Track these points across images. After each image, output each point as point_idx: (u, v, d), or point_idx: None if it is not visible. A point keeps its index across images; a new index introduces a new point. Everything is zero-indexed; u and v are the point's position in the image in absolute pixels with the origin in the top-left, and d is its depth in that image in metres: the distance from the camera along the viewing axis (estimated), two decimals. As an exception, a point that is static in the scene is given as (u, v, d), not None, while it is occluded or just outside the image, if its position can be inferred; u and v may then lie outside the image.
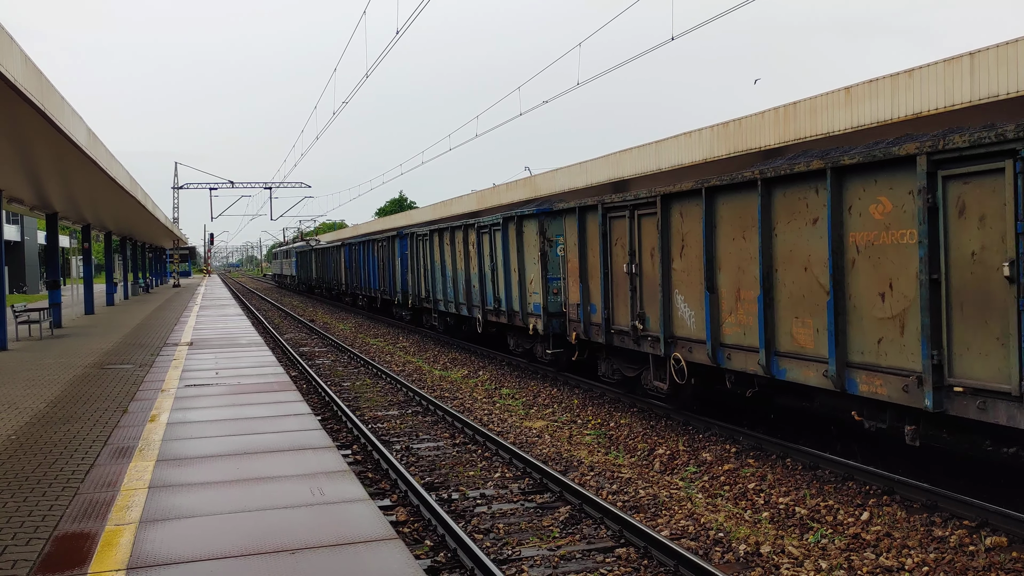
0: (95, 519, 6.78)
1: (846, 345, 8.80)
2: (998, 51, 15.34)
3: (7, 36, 9.98)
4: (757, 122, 22.20)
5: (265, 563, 5.75)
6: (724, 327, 10.90)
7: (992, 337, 7.23)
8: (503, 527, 8.42)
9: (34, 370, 16.10)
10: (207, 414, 11.25)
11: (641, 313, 12.84)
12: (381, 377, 18.97)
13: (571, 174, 33.83)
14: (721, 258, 10.90)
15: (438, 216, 51.67)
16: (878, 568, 7.20)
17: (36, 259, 68.32)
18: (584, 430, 13.05)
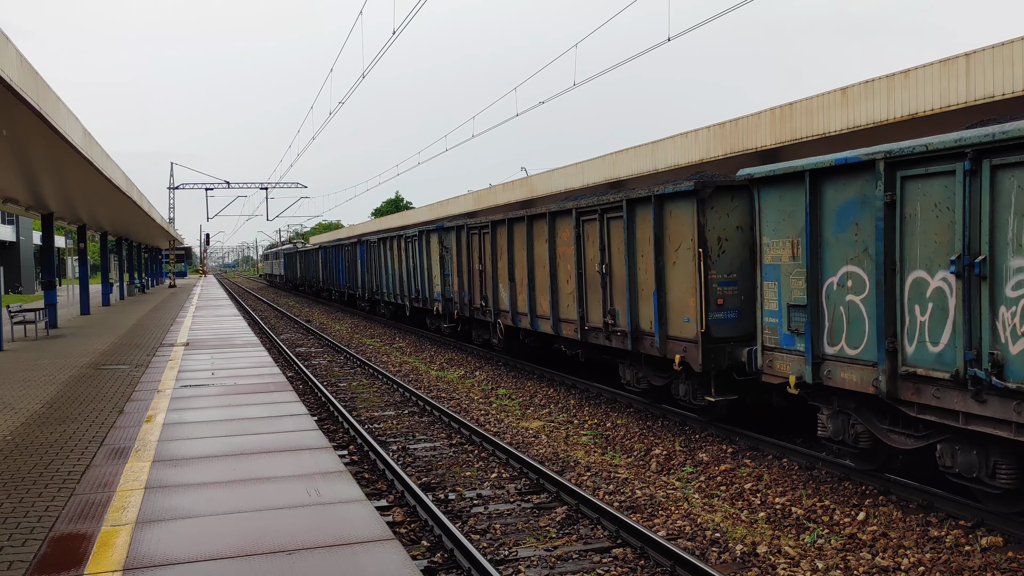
0: (91, 520, 6.76)
1: (557, 308, 15.95)
2: (994, 52, 15.37)
3: (2, 36, 9.96)
4: (754, 122, 22.23)
5: (262, 564, 5.74)
6: (517, 303, 18.05)
7: (598, 303, 14.32)
8: (500, 527, 8.42)
9: (30, 371, 16.06)
10: (203, 415, 11.24)
11: (485, 296, 19.90)
12: (378, 377, 18.95)
13: (567, 175, 33.85)
14: (515, 261, 17.89)
15: (434, 216, 51.68)
16: (874, 568, 7.22)
17: (32, 259, 68.19)
18: (581, 430, 13.05)
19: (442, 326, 24.48)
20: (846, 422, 9.36)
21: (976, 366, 7.39)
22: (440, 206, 52.32)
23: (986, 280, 7.34)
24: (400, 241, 28.48)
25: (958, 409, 7.64)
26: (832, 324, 9.09)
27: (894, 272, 8.30)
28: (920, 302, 8.02)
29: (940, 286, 7.80)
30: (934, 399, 7.88)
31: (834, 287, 9.07)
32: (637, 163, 28.32)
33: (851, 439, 9.30)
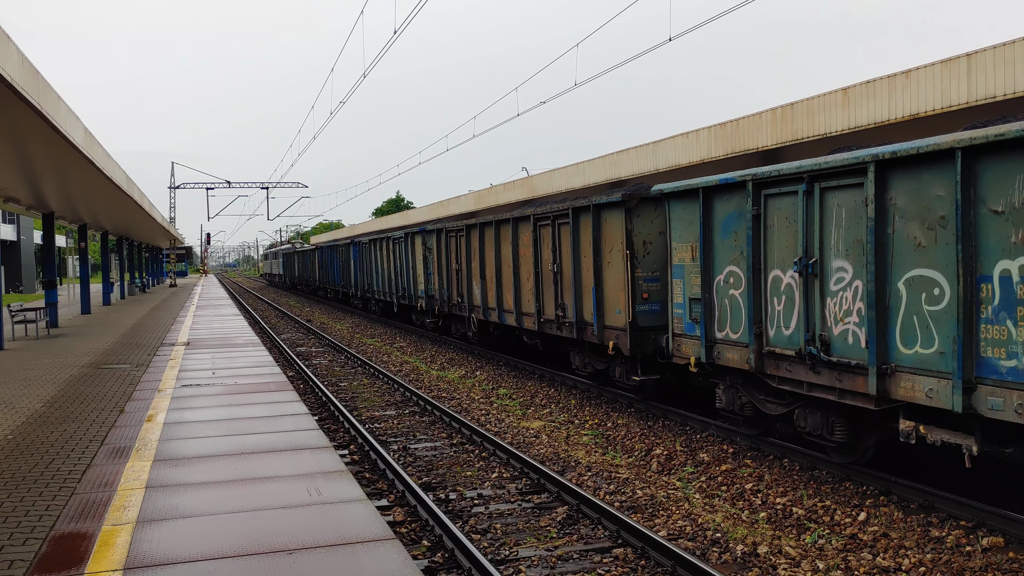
0: (92, 519, 6.76)
1: (520, 303, 17.86)
2: (995, 52, 15.36)
3: (4, 36, 9.96)
4: (755, 123, 22.23)
5: (262, 563, 5.74)
6: (488, 299, 19.88)
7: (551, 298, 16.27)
8: (500, 527, 8.42)
9: (30, 370, 16.07)
10: (204, 414, 11.24)
11: (461, 293, 21.85)
12: (378, 377, 18.95)
13: (568, 174, 33.84)
14: (485, 262, 19.88)
15: (435, 216, 51.66)
16: (875, 568, 7.21)
17: (32, 259, 68.20)
18: (582, 430, 13.05)
19: (425, 321, 26.68)
20: (735, 395, 11.29)
21: (812, 345, 9.36)
22: (441, 206, 52.31)
23: (817, 277, 9.30)
24: (388, 243, 30.63)
25: (802, 379, 9.60)
26: (720, 314, 11.02)
27: (760, 271, 10.22)
28: (777, 295, 9.96)
29: (789, 282, 9.75)
30: (787, 372, 9.82)
31: (721, 283, 10.99)
32: (638, 163, 28.32)
33: (739, 409, 11.25)
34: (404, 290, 28.47)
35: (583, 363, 15.76)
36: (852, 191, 8.82)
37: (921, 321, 8.12)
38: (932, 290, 7.99)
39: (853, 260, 8.88)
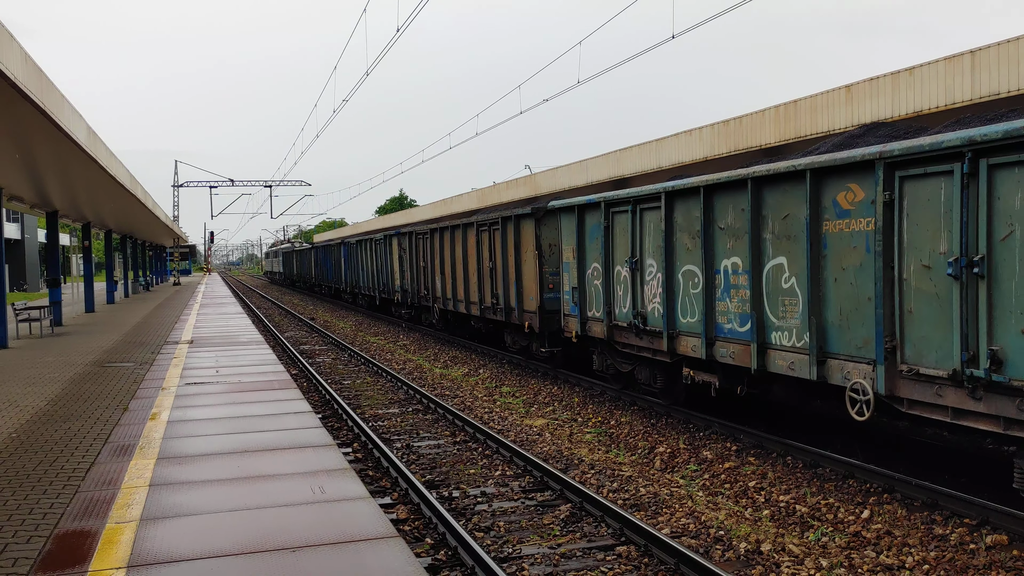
0: (96, 517, 6.78)
1: (468, 293, 21.37)
2: (999, 49, 15.33)
3: (7, 34, 9.97)
4: (758, 120, 22.19)
5: (266, 561, 5.75)
6: (446, 291, 23.52)
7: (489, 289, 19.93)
8: (504, 525, 8.42)
9: (35, 368, 16.10)
10: (208, 412, 11.25)
11: (428, 287, 25.69)
12: (381, 375, 18.97)
13: (571, 172, 33.82)
14: (444, 260, 23.64)
15: (438, 214, 51.66)
16: (879, 566, 7.20)
17: (36, 257, 68.32)
18: (585, 428, 13.05)
19: (401, 312, 31.07)
20: (602, 359, 14.84)
21: (637, 319, 12.86)
22: (443, 204, 52.29)
23: (639, 271, 12.88)
24: (371, 243, 34.83)
25: (634, 344, 13.22)
26: (589, 298, 14.61)
27: (609, 266, 13.75)
28: (619, 284, 13.50)
29: (625, 274, 13.25)
30: (626, 339, 13.42)
31: (590, 276, 14.54)
32: (641, 161, 28.29)
33: (605, 369, 14.82)
34: (384, 285, 32.66)
35: (512, 341, 19.85)
36: (656, 211, 12.31)
37: (689, 300, 11.70)
38: (694, 279, 11.54)
39: (657, 259, 12.40)
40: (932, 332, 7.86)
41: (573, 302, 15.05)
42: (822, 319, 9.25)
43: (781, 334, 9.92)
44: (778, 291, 9.96)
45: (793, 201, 9.63)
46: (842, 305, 8.98)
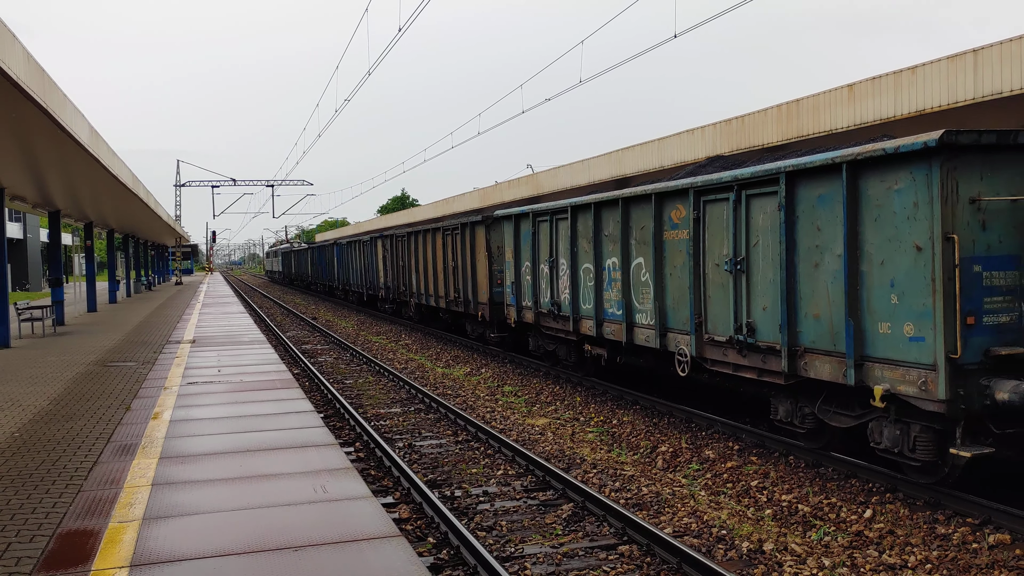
0: (98, 516, 6.78)
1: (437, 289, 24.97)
2: (1002, 47, 15.30)
3: (9, 33, 9.98)
4: (760, 119, 22.17)
5: (268, 560, 5.75)
6: (420, 287, 27.02)
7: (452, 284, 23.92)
8: (506, 525, 8.42)
9: (37, 367, 16.12)
10: (210, 411, 11.26)
11: (406, 284, 29.23)
12: (383, 375, 18.97)
13: (573, 171, 33.80)
14: (418, 260, 26.97)
15: (439, 214, 51.65)
16: (881, 565, 7.20)
17: (39, 257, 68.37)
18: (587, 428, 13.05)
19: (385, 307, 34.32)
20: (535, 341, 17.97)
21: (554, 307, 15.92)
22: (445, 203, 52.30)
23: (555, 269, 15.97)
24: (359, 244, 38.12)
25: (553, 327, 16.36)
26: (523, 290, 17.66)
27: (536, 265, 16.89)
28: (543, 279, 16.56)
29: (547, 271, 16.31)
30: (547, 323, 16.58)
31: (523, 272, 17.58)
32: (643, 160, 28.27)
33: (538, 349, 17.99)
34: (371, 283, 35.96)
35: (471, 329, 23.17)
36: (565, 222, 15.43)
37: (587, 291, 14.68)
38: (590, 274, 14.47)
39: (566, 259, 15.41)
40: (720, 311, 11.06)
41: (512, 294, 18.32)
42: (664, 303, 12.48)
43: (642, 315, 13.12)
44: (639, 283, 13.18)
45: (646, 216, 12.78)
46: (674, 293, 12.21)
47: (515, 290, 17.94)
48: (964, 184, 8.02)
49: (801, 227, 9.63)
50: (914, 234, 8.22)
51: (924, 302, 8.13)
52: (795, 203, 9.70)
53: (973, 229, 8.06)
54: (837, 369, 9.08)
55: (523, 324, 18.02)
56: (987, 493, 8.52)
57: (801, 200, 9.62)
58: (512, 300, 18.20)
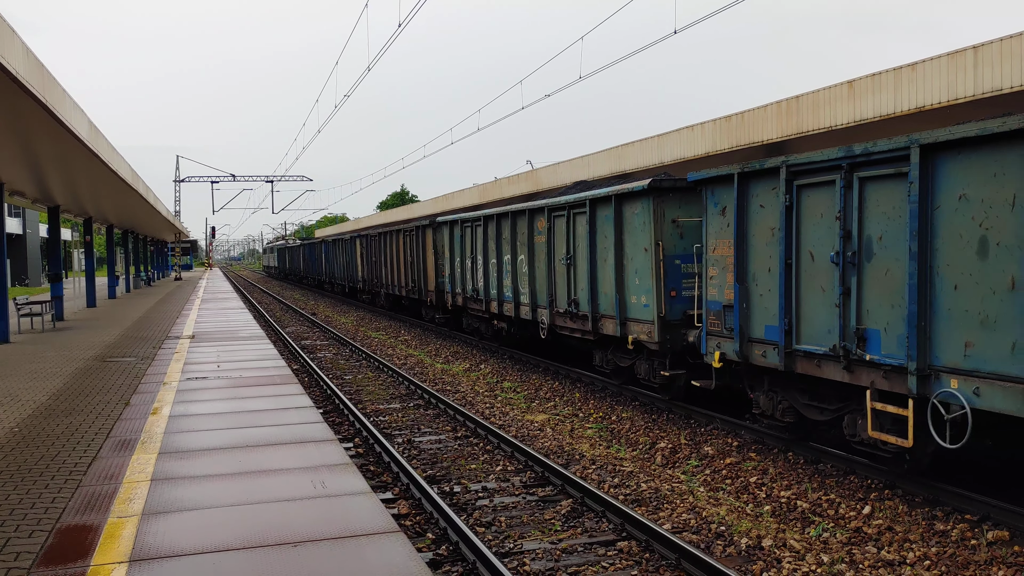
0: (98, 511, 6.79)
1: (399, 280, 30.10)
2: (1002, 45, 15.28)
3: (8, 28, 9.96)
4: (760, 116, 22.15)
5: (267, 556, 5.75)
6: (389, 279, 31.56)
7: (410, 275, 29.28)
8: (505, 520, 8.43)
9: (36, 363, 16.11)
10: (209, 407, 11.26)
11: (377, 277, 33.03)
12: (383, 370, 18.97)
13: (573, 167, 33.78)
14: (385, 256, 32.33)
15: (438, 210, 51.62)
16: (880, 562, 7.21)
17: (38, 252, 68.31)
18: (586, 424, 13.05)
19: (363, 297, 39.05)
20: (467, 321, 22.72)
21: (475, 292, 20.68)
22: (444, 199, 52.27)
23: (474, 264, 20.56)
24: (343, 242, 43.12)
25: (475, 308, 20.94)
26: (456, 280, 22.35)
27: (464, 259, 21.51)
28: (467, 270, 21.11)
29: (469, 264, 20.85)
30: (472, 306, 21.05)
31: (456, 265, 22.22)
32: (643, 156, 28.26)
33: (470, 328, 22.47)
34: (351, 276, 40.74)
35: (425, 313, 27.91)
36: (480, 226, 20.22)
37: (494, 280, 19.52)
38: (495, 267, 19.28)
39: (482, 254, 20.28)
40: (561, 291, 16.10)
41: (449, 283, 23.33)
42: (534, 288, 17.47)
43: (523, 297, 18.07)
44: (521, 274, 18.08)
45: (525, 225, 17.81)
46: (540, 280, 17.18)
47: (451, 280, 23.11)
48: (668, 211, 12.91)
49: (598, 235, 14.60)
50: (644, 241, 13.14)
51: (649, 283, 13.03)
52: (595, 220, 14.59)
53: (674, 238, 12.89)
54: (615, 327, 14.02)
55: (456, 307, 23.05)
56: (985, 490, 8.54)
57: (598, 218, 14.55)
58: (449, 288, 23.42)
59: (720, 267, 11.02)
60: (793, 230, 9.66)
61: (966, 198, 7.69)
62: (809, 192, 9.45)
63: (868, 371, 8.68)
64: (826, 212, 9.21)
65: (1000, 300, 7.34)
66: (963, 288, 7.68)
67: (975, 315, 7.56)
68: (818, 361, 9.35)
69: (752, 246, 10.41)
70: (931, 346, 7.97)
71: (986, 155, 7.46)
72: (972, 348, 7.60)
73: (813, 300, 9.41)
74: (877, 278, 8.59)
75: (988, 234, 7.48)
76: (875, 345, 8.62)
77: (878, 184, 8.56)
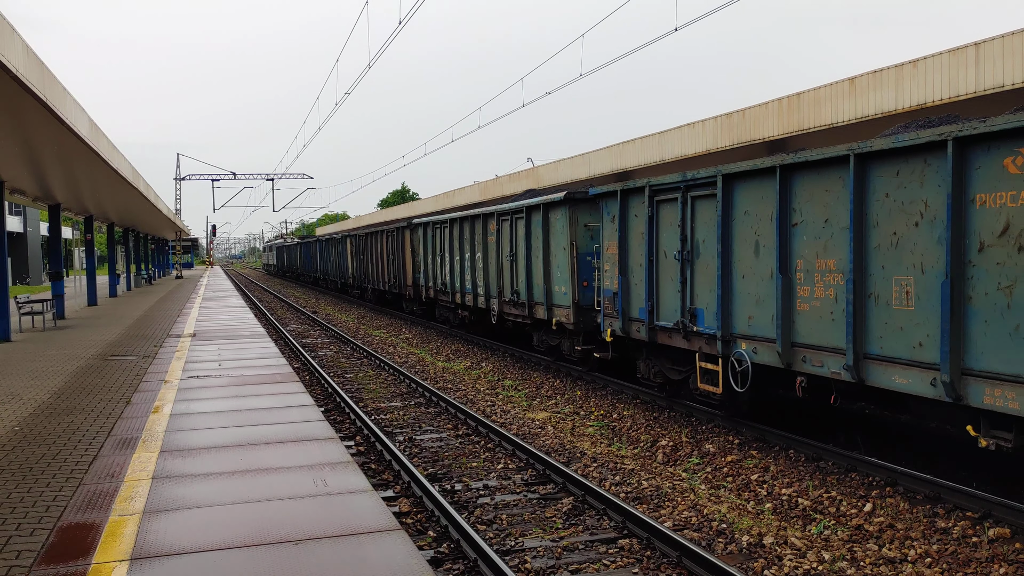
0: (99, 510, 6.79)
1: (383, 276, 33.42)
2: (1003, 41, 15.26)
3: (8, 26, 9.95)
4: (761, 113, 22.13)
5: (268, 554, 5.75)
6: (375, 275, 34.70)
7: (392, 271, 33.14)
8: (506, 518, 8.43)
9: (37, 361, 16.12)
10: (210, 405, 11.26)
11: (364, 273, 36.56)
12: (384, 368, 18.98)
13: (574, 165, 33.77)
14: (373, 254, 34.98)
15: (440, 207, 51.63)
16: (881, 559, 7.20)
17: (39, 250, 68.33)
18: (587, 421, 13.05)
19: (353, 292, 42.35)
20: (439, 311, 25.69)
21: (444, 285, 23.87)
22: (446, 197, 52.26)
23: (444, 259, 23.68)
24: (335, 242, 46.77)
25: (444, 299, 24.35)
26: (428, 275, 25.66)
27: (435, 256, 24.70)
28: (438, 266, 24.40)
29: (439, 260, 24.41)
30: (441, 297, 24.58)
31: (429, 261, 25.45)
32: (644, 154, 28.23)
33: (441, 317, 25.67)
34: (342, 273, 44.14)
35: (405, 305, 30.87)
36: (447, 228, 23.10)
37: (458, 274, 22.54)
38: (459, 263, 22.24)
39: (449, 253, 23.14)
40: (507, 283, 19.07)
41: (424, 278, 26.32)
42: (488, 280, 20.26)
43: (480, 288, 20.91)
44: (478, 268, 20.96)
45: (480, 227, 20.85)
46: (492, 274, 20.02)
47: (425, 275, 26.19)
48: (581, 217, 15.74)
49: (532, 236, 17.66)
50: (564, 241, 16.11)
51: (567, 275, 15.88)
52: (530, 224, 17.72)
53: (586, 239, 15.66)
54: (544, 312, 17.03)
55: (429, 299, 26.32)
56: (987, 487, 8.53)
57: (532, 223, 17.59)
58: (424, 282, 26.41)
59: (611, 263, 13.74)
60: (654, 234, 12.43)
61: (748, 213, 10.44)
62: (664, 206, 12.21)
63: (697, 339, 11.50)
64: (673, 221, 11.95)
65: (766, 285, 10.12)
66: (747, 277, 10.52)
67: (754, 297, 10.36)
68: (670, 333, 12.21)
69: (630, 246, 13.17)
70: (731, 319, 10.82)
71: (758, 183, 10.25)
72: (752, 320, 10.42)
73: (666, 287, 12.24)
74: (702, 270, 11.39)
75: (759, 239, 10.24)
76: (701, 320, 11.46)
77: (702, 201, 11.35)
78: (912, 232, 8.15)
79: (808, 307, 9.47)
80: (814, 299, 9.39)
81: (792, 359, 9.72)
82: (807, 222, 9.46)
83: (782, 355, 9.78)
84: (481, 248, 20.50)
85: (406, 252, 28.69)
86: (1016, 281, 7.17)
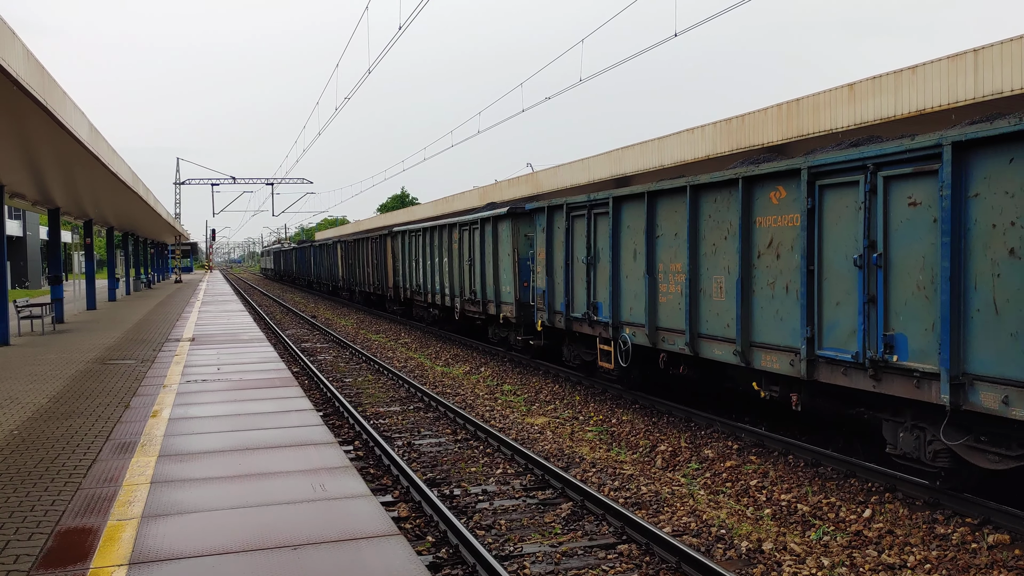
0: (97, 514, 6.78)
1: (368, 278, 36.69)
2: (1002, 48, 15.30)
3: (9, 30, 9.97)
4: (760, 119, 22.16)
5: (267, 558, 5.75)
6: (363, 278, 37.87)
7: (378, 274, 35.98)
8: (505, 523, 8.42)
9: (36, 365, 16.11)
10: (209, 410, 11.25)
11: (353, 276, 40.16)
12: (383, 373, 18.96)
13: (573, 170, 33.80)
14: (360, 259, 38.44)
15: (439, 212, 51.65)
16: (880, 565, 7.20)
17: (38, 254, 68.32)
18: (586, 427, 13.05)
19: (343, 294, 45.52)
20: (416, 310, 29.01)
21: (418, 286, 26.86)
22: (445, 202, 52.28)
23: (417, 263, 27.04)
24: (327, 247, 49.84)
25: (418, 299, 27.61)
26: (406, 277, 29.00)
27: (411, 261, 27.95)
28: (413, 269, 27.53)
29: (414, 264, 27.45)
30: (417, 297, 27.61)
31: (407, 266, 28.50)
32: (643, 159, 28.26)
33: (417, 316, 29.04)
34: (334, 277, 47.12)
35: (387, 306, 33.54)
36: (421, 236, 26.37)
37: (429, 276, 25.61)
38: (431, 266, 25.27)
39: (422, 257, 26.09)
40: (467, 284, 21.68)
41: (403, 280, 29.28)
42: (452, 282, 23.03)
43: (447, 288, 23.50)
44: (445, 271, 23.59)
45: (447, 235, 23.51)
46: (455, 276, 22.63)
47: (403, 278, 29.12)
48: (522, 228, 18.48)
49: (485, 244, 20.27)
50: (508, 248, 18.68)
51: (511, 277, 18.43)
52: (484, 233, 20.28)
53: (525, 247, 18.26)
54: (495, 309, 19.66)
55: (407, 299, 29.25)
56: (986, 493, 8.53)
57: (485, 232, 20.33)
58: (403, 284, 29.35)
59: (541, 266, 16.48)
60: (570, 243, 15.14)
61: (630, 227, 13.21)
62: (576, 220, 14.94)
63: (598, 327, 14.24)
64: (582, 233, 14.63)
65: (641, 283, 12.80)
66: (629, 277, 13.24)
67: (633, 292, 13.09)
68: (581, 323, 14.93)
69: (554, 252, 15.89)
70: (619, 310, 13.55)
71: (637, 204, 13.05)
72: (632, 310, 13.17)
73: (578, 285, 14.90)
74: (601, 272, 14.11)
75: (636, 247, 12.98)
76: (601, 311, 14.20)
77: (601, 218, 14.07)
78: (723, 243, 10.94)
79: (666, 299, 12.28)
80: (669, 293, 12.20)
81: (656, 339, 12.53)
82: (665, 235, 12.31)
83: (650, 336, 12.61)
84: (447, 254, 23.48)
85: (388, 257, 31.76)
86: (776, 279, 9.93)
